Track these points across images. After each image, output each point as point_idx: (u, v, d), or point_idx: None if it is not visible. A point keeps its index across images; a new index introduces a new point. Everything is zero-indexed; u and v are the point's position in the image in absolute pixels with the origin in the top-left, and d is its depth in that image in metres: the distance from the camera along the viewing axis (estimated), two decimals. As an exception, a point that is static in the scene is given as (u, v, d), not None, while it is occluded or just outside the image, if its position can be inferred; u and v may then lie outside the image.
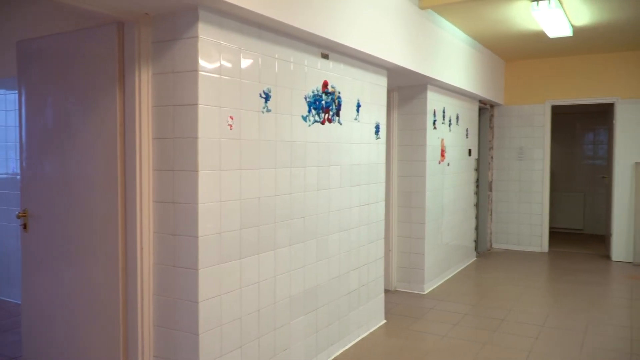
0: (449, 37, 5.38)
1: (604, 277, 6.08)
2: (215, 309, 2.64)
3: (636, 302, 5.02)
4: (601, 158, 9.17)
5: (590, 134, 9.35)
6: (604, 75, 7.05)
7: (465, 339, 4.07)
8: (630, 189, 6.79)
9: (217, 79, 2.61)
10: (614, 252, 6.92)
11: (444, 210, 5.82)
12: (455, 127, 6.08)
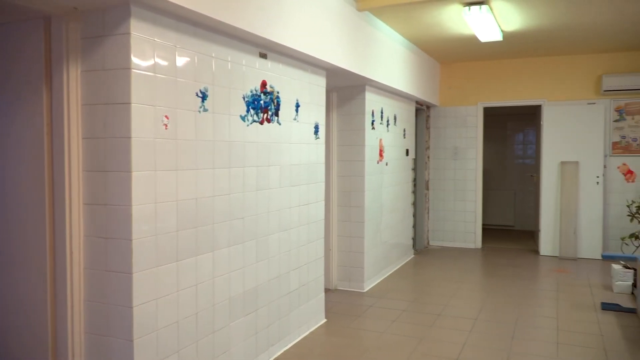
0: (386, 39, 5.49)
1: (533, 271, 6.40)
2: (151, 314, 2.57)
3: (562, 294, 5.32)
4: (530, 157, 9.65)
5: (520, 135, 9.81)
6: (532, 78, 7.42)
7: (403, 334, 4.17)
8: (556, 187, 7.18)
9: (151, 77, 2.54)
10: (542, 247, 7.30)
11: (382, 209, 5.93)
12: (393, 127, 6.21)
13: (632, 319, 4.54)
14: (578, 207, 7.05)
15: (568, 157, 7.11)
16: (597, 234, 7.00)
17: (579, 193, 7.05)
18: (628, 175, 7.00)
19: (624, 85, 6.79)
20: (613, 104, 7.03)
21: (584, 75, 7.15)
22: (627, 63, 6.91)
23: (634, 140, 6.95)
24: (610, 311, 4.75)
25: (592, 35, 6.01)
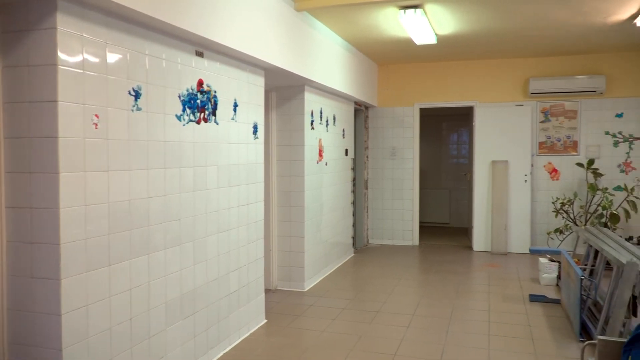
0: (325, 39, 5.53)
1: (466, 266, 6.64)
2: (81, 321, 2.46)
3: (493, 288, 5.56)
4: (464, 157, 10.02)
5: (454, 135, 10.17)
6: (465, 80, 7.71)
7: (343, 332, 4.22)
8: (487, 185, 7.50)
9: (80, 75, 2.43)
10: (475, 243, 7.60)
11: (322, 209, 5.98)
12: (332, 127, 6.27)
13: (557, 309, 4.81)
14: (508, 204, 7.39)
15: (498, 157, 7.43)
16: (526, 230, 7.36)
17: (509, 191, 7.39)
18: (553, 173, 7.40)
19: (549, 88, 7.18)
20: (539, 105, 7.42)
21: (513, 78, 7.51)
22: (552, 67, 7.31)
23: (558, 140, 7.36)
24: (537, 302, 5.01)
25: (519, 41, 6.32)
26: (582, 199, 7.10)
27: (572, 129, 7.30)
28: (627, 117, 7.09)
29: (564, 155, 7.34)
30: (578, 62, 7.22)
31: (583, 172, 7.08)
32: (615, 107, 7.13)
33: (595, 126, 7.23)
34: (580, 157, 7.26)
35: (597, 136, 7.22)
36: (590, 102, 7.22)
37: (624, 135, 7.12)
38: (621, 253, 3.93)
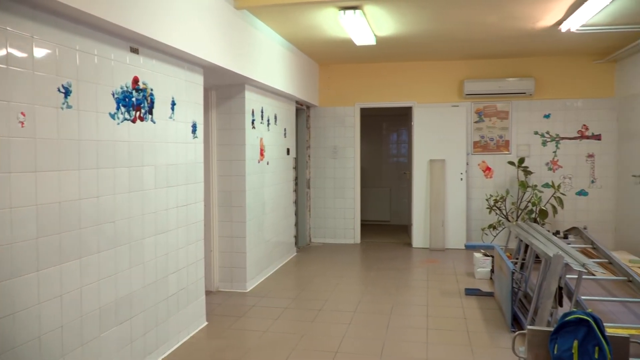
0: (265, 38, 5.50)
1: (406, 262, 6.80)
2: (7, 331, 2.33)
3: (431, 283, 5.72)
4: (404, 156, 10.26)
5: (394, 134, 10.38)
6: (403, 81, 7.88)
7: (286, 332, 4.22)
8: (426, 184, 7.71)
9: (4, 70, 2.30)
10: (415, 240, 7.79)
11: (264, 208, 5.94)
12: (273, 126, 6.25)
13: (490, 301, 5.02)
14: (445, 202, 7.63)
15: (436, 156, 7.66)
16: (462, 226, 7.63)
17: (446, 189, 7.63)
18: (487, 171, 7.71)
19: (483, 89, 7.47)
20: (473, 106, 7.70)
21: (449, 79, 7.75)
22: (485, 70, 7.61)
23: (491, 140, 7.67)
24: (472, 296, 5.20)
25: (455, 43, 6.54)
26: (514, 196, 7.44)
27: (504, 129, 7.64)
28: (554, 117, 7.49)
29: (497, 154, 7.66)
30: (509, 65, 7.55)
31: (514, 170, 7.43)
32: (543, 108, 7.51)
33: (525, 126, 7.59)
34: (511, 155, 7.60)
35: (527, 136, 7.59)
36: (521, 103, 7.57)
37: (551, 135, 7.51)
38: (549, 247, 4.15)
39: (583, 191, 7.45)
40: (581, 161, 7.45)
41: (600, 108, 7.37)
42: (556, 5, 4.87)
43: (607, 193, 7.37)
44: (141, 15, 3.11)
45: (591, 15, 4.98)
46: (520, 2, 4.75)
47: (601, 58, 7.21)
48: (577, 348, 2.81)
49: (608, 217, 7.38)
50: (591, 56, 7.31)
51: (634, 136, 6.65)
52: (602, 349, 2.77)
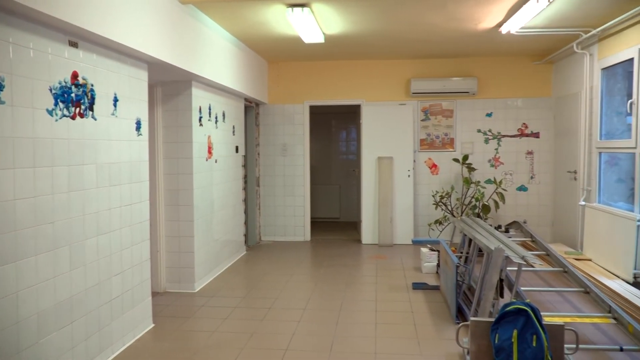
0: (213, 34, 5.42)
1: (356, 259, 6.88)
2: None
3: (380, 278, 5.81)
4: (353, 153, 10.36)
5: (343, 132, 10.47)
6: (352, 79, 7.96)
7: (235, 331, 4.18)
8: (374, 181, 7.82)
9: None
10: (364, 236, 7.89)
11: (213, 207, 5.86)
12: (222, 124, 6.17)
13: (436, 294, 5.15)
14: (393, 198, 7.77)
15: (384, 153, 7.78)
16: (409, 222, 7.79)
17: (394, 185, 7.77)
18: (433, 168, 7.90)
19: (429, 88, 7.65)
20: (420, 105, 7.87)
21: (396, 78, 7.89)
22: (431, 69, 7.79)
23: (437, 138, 7.87)
24: (419, 290, 5.32)
25: (402, 43, 6.66)
26: (458, 192, 7.67)
27: (449, 127, 7.85)
28: (496, 116, 7.76)
29: (442, 151, 7.87)
30: (454, 65, 7.77)
31: (459, 167, 7.66)
32: (486, 107, 7.78)
33: (468, 124, 7.83)
34: (456, 153, 7.82)
35: (470, 134, 7.83)
36: (464, 102, 7.80)
37: (493, 132, 7.79)
38: (490, 240, 4.30)
39: (523, 187, 7.76)
40: (521, 158, 7.76)
41: (538, 107, 7.70)
42: (496, 8, 5.04)
43: (545, 188, 7.72)
44: (80, 7, 3.00)
45: (529, 18, 5.19)
46: (462, 3, 4.89)
47: (539, 59, 7.54)
48: (517, 337, 2.93)
49: (546, 211, 7.73)
50: (530, 57, 7.62)
51: (568, 134, 6.99)
52: (539, 337, 2.89)
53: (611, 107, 5.98)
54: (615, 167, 6.00)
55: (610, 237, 5.43)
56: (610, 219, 5.46)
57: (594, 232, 5.86)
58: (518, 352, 2.91)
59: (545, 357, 2.86)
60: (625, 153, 5.55)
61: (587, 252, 6.01)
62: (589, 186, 6.30)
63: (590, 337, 3.91)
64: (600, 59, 5.99)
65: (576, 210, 6.60)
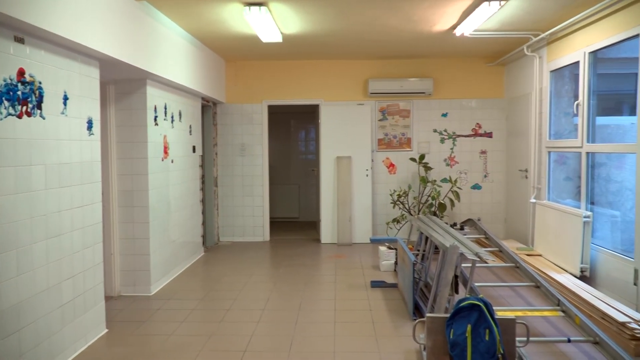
0: (168, 32, 5.32)
1: (315, 258, 6.90)
2: None
3: (339, 277, 5.85)
4: (312, 153, 10.38)
5: (302, 132, 10.48)
6: (311, 79, 7.98)
7: (193, 334, 4.12)
8: (333, 180, 7.86)
9: None
10: (323, 236, 7.92)
11: (169, 208, 5.76)
12: (178, 123, 6.06)
13: (394, 292, 5.22)
14: (352, 197, 7.83)
15: (342, 153, 7.83)
16: (368, 221, 7.87)
17: (352, 185, 7.83)
18: (390, 168, 8.01)
19: (386, 89, 7.75)
20: (377, 105, 7.96)
21: (355, 78, 7.96)
22: (388, 69, 7.89)
23: (394, 137, 7.98)
24: (377, 288, 5.39)
25: (359, 43, 6.71)
26: (415, 191, 7.80)
27: (406, 127, 7.97)
28: (451, 116, 7.94)
29: (400, 151, 7.99)
30: (410, 65, 7.89)
31: (416, 166, 7.79)
32: (441, 107, 7.94)
33: (425, 124, 7.97)
34: (413, 152, 7.96)
35: (426, 133, 7.98)
36: (421, 102, 7.94)
37: (449, 132, 7.96)
38: (446, 238, 4.39)
39: (477, 185, 7.97)
40: (475, 157, 7.97)
41: (491, 108, 7.92)
42: (450, 10, 5.15)
43: (498, 186, 7.95)
44: (26, 1, 2.88)
45: (481, 21, 5.33)
46: (417, 6, 4.97)
47: (492, 61, 7.75)
48: (470, 331, 3.00)
49: (499, 209, 7.96)
50: (484, 59, 7.83)
51: (519, 134, 7.22)
52: (492, 331, 2.98)
53: (559, 108, 6.21)
54: (563, 165, 6.24)
55: (558, 233, 5.64)
56: (559, 215, 5.67)
57: (544, 229, 6.07)
58: (472, 346, 2.98)
59: (497, 351, 2.95)
60: (573, 152, 5.77)
61: (538, 247, 6.22)
62: (539, 184, 6.53)
63: (540, 329, 4.05)
64: (549, 61, 6.21)
65: (527, 208, 6.83)
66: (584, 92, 5.36)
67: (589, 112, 5.35)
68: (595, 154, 5.37)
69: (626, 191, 5.24)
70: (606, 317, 3.92)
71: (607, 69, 5.65)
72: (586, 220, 5.13)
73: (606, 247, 5.02)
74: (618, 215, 5.34)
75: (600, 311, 4.01)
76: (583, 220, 5.13)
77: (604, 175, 5.55)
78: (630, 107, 4.61)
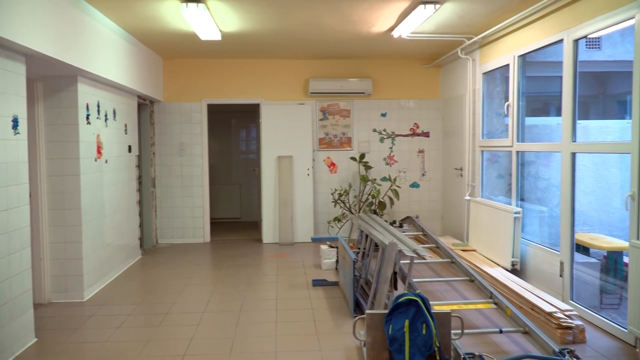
0: (102, 28, 5.12)
1: (256, 259, 6.85)
2: None
3: (280, 277, 5.83)
4: (253, 152, 10.30)
5: (244, 131, 10.38)
6: (251, 78, 7.91)
7: (129, 340, 3.98)
8: (274, 180, 7.83)
9: None
10: (265, 236, 7.88)
11: (104, 210, 5.55)
12: (112, 122, 5.85)
13: (336, 290, 5.27)
14: (293, 197, 7.83)
15: (284, 152, 7.82)
16: (309, 220, 7.90)
17: (294, 184, 7.84)
18: (331, 167, 8.08)
19: (326, 89, 7.80)
20: (318, 105, 8.01)
21: (295, 78, 7.96)
22: (329, 69, 7.95)
23: (335, 137, 8.05)
24: (319, 286, 5.42)
25: (300, 43, 6.72)
26: (356, 190, 7.91)
27: (347, 127, 8.07)
28: (390, 116, 8.10)
29: (340, 150, 8.07)
30: (350, 65, 7.99)
31: (356, 165, 7.90)
32: (381, 107, 8.09)
33: (365, 124, 8.10)
34: (353, 152, 8.06)
35: (366, 133, 8.10)
36: (361, 102, 8.06)
37: (388, 132, 8.12)
38: (385, 236, 4.48)
39: (415, 183, 8.18)
40: (413, 156, 8.17)
41: (428, 108, 8.15)
42: (387, 13, 5.26)
43: (435, 185, 8.19)
44: (-59, -8, 2.69)
45: (418, 23, 5.47)
46: (356, 7, 5.04)
47: (428, 63, 7.98)
48: (408, 326, 3.08)
49: (436, 206, 8.20)
50: (421, 61, 8.04)
51: (454, 134, 7.48)
52: (429, 325, 3.07)
53: (492, 109, 6.48)
54: (495, 164, 6.52)
55: (491, 228, 5.88)
56: (491, 212, 5.92)
57: (478, 225, 6.32)
58: (410, 340, 3.06)
59: (434, 344, 3.04)
60: (504, 151, 6.04)
61: (472, 243, 6.47)
62: (473, 182, 6.79)
63: (474, 321, 4.21)
64: (482, 64, 6.47)
65: (462, 205, 7.08)
66: (514, 93, 5.62)
67: (518, 112, 5.61)
68: (524, 153, 5.64)
69: (553, 188, 5.55)
70: (535, 308, 4.13)
71: (535, 72, 5.96)
72: (516, 216, 5.38)
73: (535, 242, 5.28)
74: (546, 211, 5.64)
75: (530, 302, 4.22)
76: (514, 216, 5.37)
77: (533, 173, 5.85)
78: (557, 108, 4.87)
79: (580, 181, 4.90)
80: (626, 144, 3.73)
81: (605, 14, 4.01)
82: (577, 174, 4.57)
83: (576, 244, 4.61)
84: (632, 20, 3.69)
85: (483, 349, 3.64)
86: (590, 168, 5.46)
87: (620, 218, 5.30)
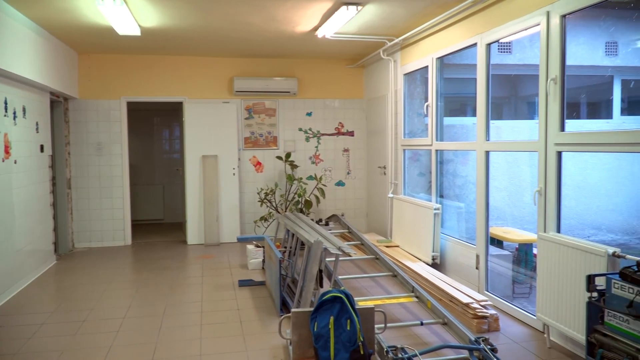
0: (10, 20, 4.78)
1: (181, 260, 6.68)
2: None
3: (206, 278, 5.73)
4: (177, 152, 10.03)
5: (166, 130, 10.07)
6: (173, 76, 7.70)
7: (42, 350, 3.76)
8: (199, 180, 7.67)
9: None
10: (189, 237, 7.70)
11: (13, 213, 5.19)
12: (22, 120, 5.48)
13: (262, 290, 5.25)
14: (219, 197, 7.71)
15: (208, 151, 7.68)
16: (236, 220, 7.81)
17: (219, 184, 7.72)
18: (258, 166, 8.03)
19: (252, 87, 7.75)
20: (243, 103, 7.93)
21: (220, 76, 7.84)
22: (254, 68, 7.90)
23: (260, 136, 8.01)
24: (246, 287, 5.37)
25: (224, 40, 6.62)
26: (282, 189, 7.91)
27: (272, 126, 8.05)
28: (315, 115, 8.18)
29: (266, 149, 8.04)
30: (276, 65, 7.98)
31: (282, 164, 7.90)
32: (306, 106, 8.14)
33: (290, 123, 8.12)
34: (279, 151, 8.06)
35: (292, 132, 8.13)
36: (286, 101, 8.07)
37: (313, 131, 8.19)
38: (311, 234, 4.52)
39: (341, 182, 8.31)
40: (339, 155, 8.30)
41: (353, 108, 8.30)
42: (311, 13, 5.30)
43: (360, 183, 8.37)
44: None
45: (341, 24, 5.56)
46: (280, 6, 5.04)
47: (352, 63, 8.13)
48: (333, 323, 3.13)
49: (361, 204, 8.38)
50: (345, 61, 8.17)
51: (377, 133, 7.67)
52: (353, 321, 3.13)
53: (413, 109, 6.71)
54: (417, 162, 6.76)
55: (413, 225, 6.09)
56: (413, 208, 6.13)
57: (401, 221, 6.52)
58: (335, 336, 3.10)
59: (358, 339, 3.11)
60: (424, 150, 6.27)
61: (396, 239, 6.67)
62: (395, 180, 6.99)
63: (397, 315, 4.35)
64: (403, 65, 6.68)
65: (386, 202, 7.28)
66: (433, 94, 5.85)
67: (437, 113, 5.85)
68: (443, 152, 5.89)
69: (470, 185, 5.84)
70: (453, 300, 4.33)
71: (452, 74, 6.23)
72: (436, 212, 5.60)
73: (453, 236, 5.53)
74: (463, 206, 5.92)
75: (449, 294, 4.42)
76: (434, 212, 5.59)
77: (451, 171, 6.12)
78: (473, 109, 5.13)
79: (494, 178, 5.19)
80: (534, 143, 4.00)
81: (514, 20, 4.27)
82: (491, 171, 4.83)
83: (491, 238, 4.88)
84: (538, 27, 3.95)
85: (405, 342, 3.77)
86: (503, 166, 5.79)
87: (530, 212, 5.66)
